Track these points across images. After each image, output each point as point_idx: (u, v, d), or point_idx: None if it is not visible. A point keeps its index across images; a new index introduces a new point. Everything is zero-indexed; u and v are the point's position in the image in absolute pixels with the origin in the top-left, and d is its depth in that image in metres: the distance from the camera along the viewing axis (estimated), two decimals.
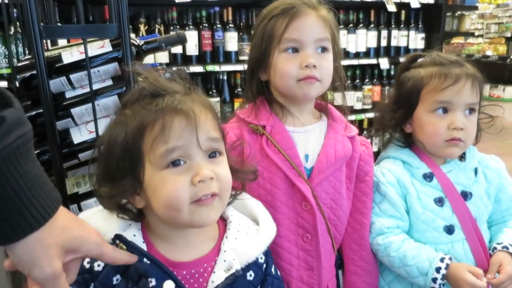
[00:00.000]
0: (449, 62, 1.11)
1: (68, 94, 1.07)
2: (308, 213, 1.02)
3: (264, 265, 0.85)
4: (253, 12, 2.99)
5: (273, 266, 0.88)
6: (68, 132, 1.08)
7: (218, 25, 2.84)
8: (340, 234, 1.12)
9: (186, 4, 2.68)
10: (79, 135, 1.06)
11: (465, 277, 1.00)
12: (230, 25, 2.87)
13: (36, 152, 0.72)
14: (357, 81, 3.45)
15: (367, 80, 3.48)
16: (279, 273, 0.92)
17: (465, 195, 1.11)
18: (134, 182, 0.72)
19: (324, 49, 1.03)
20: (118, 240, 0.75)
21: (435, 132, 1.10)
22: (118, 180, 0.72)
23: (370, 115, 3.51)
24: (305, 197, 1.00)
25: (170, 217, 0.72)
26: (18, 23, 1.67)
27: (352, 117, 3.42)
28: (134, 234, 0.76)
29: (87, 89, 1.03)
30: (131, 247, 0.73)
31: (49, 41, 1.46)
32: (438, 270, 1.03)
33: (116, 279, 0.74)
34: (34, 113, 1.08)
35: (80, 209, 1.09)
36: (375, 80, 3.51)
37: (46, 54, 1.03)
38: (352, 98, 3.43)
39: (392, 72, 3.56)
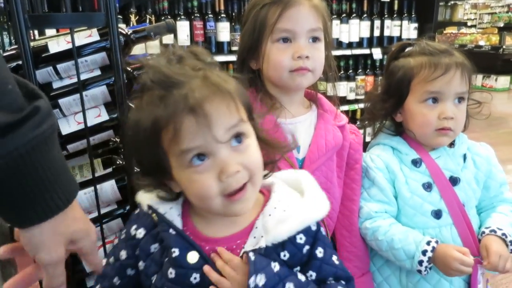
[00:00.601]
0: (439, 52, 1.12)
1: (56, 85, 1.06)
2: None
3: (307, 247, 0.76)
4: (245, 2, 2.95)
5: (323, 249, 0.78)
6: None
7: (210, 15, 2.81)
8: (333, 221, 1.14)
9: None
10: (67, 126, 1.05)
11: (452, 254, 1.02)
12: (222, 15, 2.84)
13: None
14: (350, 71, 3.44)
15: (360, 70, 3.47)
16: (335, 259, 0.80)
17: (454, 181, 1.13)
18: (165, 174, 0.72)
19: (316, 39, 1.03)
20: (151, 210, 0.77)
21: (426, 122, 1.11)
22: (150, 174, 0.74)
23: (363, 105, 3.50)
24: None
25: (205, 207, 0.73)
26: (4, 14, 1.64)
27: (345, 107, 3.43)
28: (170, 207, 0.77)
29: (75, 79, 1.01)
30: (160, 218, 0.76)
31: (36, 31, 1.44)
32: (424, 253, 1.05)
33: (154, 247, 0.76)
34: None
35: None
36: (368, 70, 3.51)
37: (32, 44, 1.01)
38: (345, 88, 3.42)
39: (385, 62, 3.55)
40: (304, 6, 1.01)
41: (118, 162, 1.16)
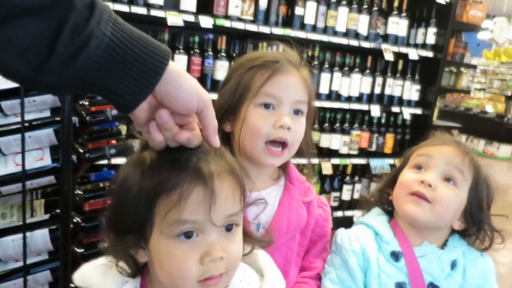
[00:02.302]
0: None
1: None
2: None
3: None
4: (248, 44, 2.94)
5: None
6: None
7: (210, 52, 2.78)
8: None
9: (180, 27, 2.63)
10: (4, 167, 0.97)
11: None
12: (222, 54, 2.81)
13: None
14: (346, 125, 3.38)
15: (356, 125, 3.42)
16: None
17: None
18: (140, 239, 0.67)
19: (299, 112, 0.97)
20: None
21: (404, 181, 1.04)
22: (124, 232, 0.67)
23: (355, 160, 3.43)
24: None
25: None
26: None
27: (337, 160, 3.35)
28: (126, 281, 0.72)
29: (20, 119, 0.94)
30: None
31: None
32: None
33: None
34: None
35: None
36: (364, 126, 3.45)
37: None
38: (339, 142, 3.35)
39: (383, 120, 3.50)
40: (294, 75, 0.96)
41: (57, 211, 1.08)
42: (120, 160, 1.30)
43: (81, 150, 1.08)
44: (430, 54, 3.47)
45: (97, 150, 1.10)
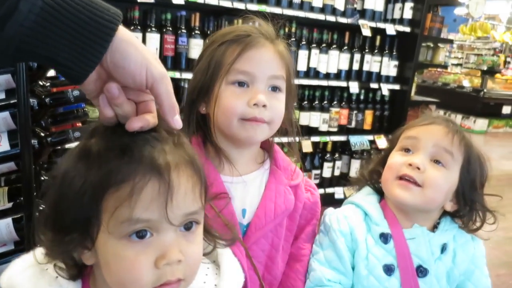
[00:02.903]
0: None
1: None
2: None
3: None
4: (222, 21, 2.86)
5: None
6: None
7: (183, 30, 2.69)
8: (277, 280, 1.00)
9: (151, 3, 2.52)
10: None
11: None
12: (196, 32, 2.73)
13: None
14: (325, 102, 3.36)
15: (335, 102, 3.40)
16: None
17: (421, 271, 0.97)
18: (85, 239, 0.57)
19: (277, 89, 0.90)
20: None
21: (392, 164, 1.01)
22: (65, 230, 0.57)
23: (335, 138, 3.43)
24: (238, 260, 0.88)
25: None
26: None
27: (317, 138, 3.34)
28: None
29: None
30: None
31: None
32: None
33: None
34: None
35: None
36: (343, 103, 3.43)
37: None
38: (318, 119, 3.34)
39: (361, 97, 3.49)
40: (268, 49, 0.89)
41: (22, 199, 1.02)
42: None
43: (42, 134, 1.01)
44: (407, 29, 3.45)
45: (60, 133, 1.03)
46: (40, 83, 1.09)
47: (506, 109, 8.65)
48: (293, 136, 1.00)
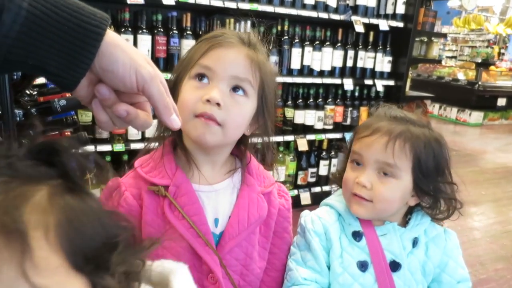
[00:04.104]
0: (392, 117, 1.00)
1: None
2: (215, 287, 0.88)
3: None
4: (214, 20, 2.83)
5: None
6: None
7: (175, 31, 2.66)
8: None
9: (141, 5, 2.49)
10: None
11: None
12: (188, 32, 2.70)
13: None
14: (320, 100, 3.34)
15: (330, 100, 3.38)
16: None
17: (394, 266, 0.99)
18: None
19: (239, 89, 0.85)
20: None
21: (345, 181, 1.02)
22: None
23: (331, 135, 3.42)
24: (212, 269, 0.86)
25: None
26: None
27: (312, 136, 3.33)
28: None
29: None
30: None
31: None
32: None
33: None
34: None
35: None
36: (338, 100, 3.42)
37: None
38: (313, 117, 3.32)
39: (356, 94, 3.48)
40: (238, 51, 0.85)
41: None
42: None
43: None
44: (400, 24, 3.43)
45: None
46: (27, 91, 1.06)
47: (501, 101, 8.67)
48: (268, 163, 0.99)
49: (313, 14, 3.06)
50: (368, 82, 3.46)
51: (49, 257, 0.37)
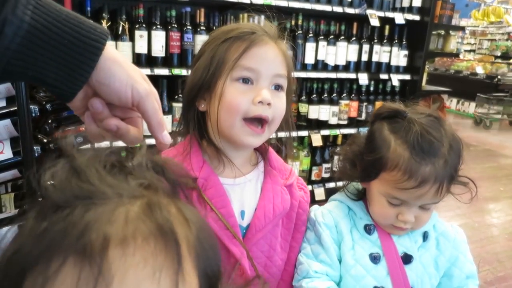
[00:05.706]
0: (424, 150, 0.90)
1: None
2: (241, 279, 0.89)
3: None
4: (228, 15, 2.83)
5: None
6: None
7: (189, 27, 2.67)
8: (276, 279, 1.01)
9: (155, 1, 2.50)
10: None
11: None
12: (202, 28, 2.70)
13: None
14: (334, 95, 3.32)
15: (344, 94, 3.35)
16: None
17: (406, 259, 0.99)
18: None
19: (279, 87, 0.90)
20: None
21: (383, 215, 0.99)
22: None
23: (345, 130, 3.39)
24: (239, 261, 0.88)
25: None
26: None
27: (326, 131, 3.31)
28: None
29: None
30: None
31: None
32: None
33: None
34: None
35: None
36: (353, 95, 3.38)
37: None
38: (328, 112, 3.30)
39: (371, 88, 3.44)
40: (272, 47, 0.88)
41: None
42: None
43: (45, 140, 1.01)
44: (416, 17, 3.37)
45: (63, 139, 1.03)
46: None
47: None
48: (288, 134, 1.00)
49: (328, 8, 3.03)
50: (384, 76, 3.41)
51: (191, 273, 0.35)
